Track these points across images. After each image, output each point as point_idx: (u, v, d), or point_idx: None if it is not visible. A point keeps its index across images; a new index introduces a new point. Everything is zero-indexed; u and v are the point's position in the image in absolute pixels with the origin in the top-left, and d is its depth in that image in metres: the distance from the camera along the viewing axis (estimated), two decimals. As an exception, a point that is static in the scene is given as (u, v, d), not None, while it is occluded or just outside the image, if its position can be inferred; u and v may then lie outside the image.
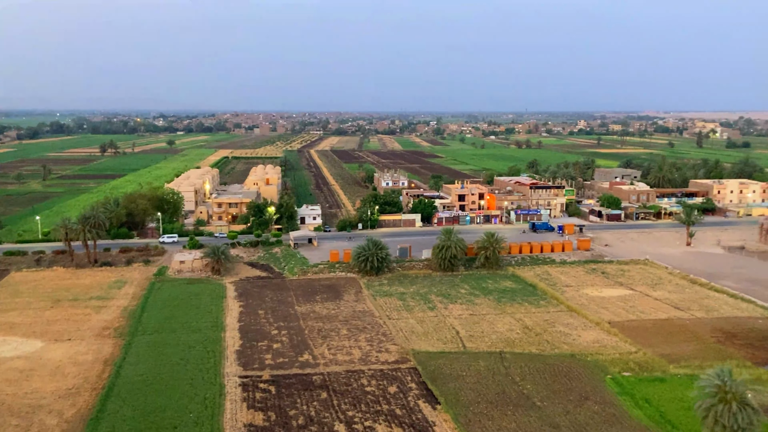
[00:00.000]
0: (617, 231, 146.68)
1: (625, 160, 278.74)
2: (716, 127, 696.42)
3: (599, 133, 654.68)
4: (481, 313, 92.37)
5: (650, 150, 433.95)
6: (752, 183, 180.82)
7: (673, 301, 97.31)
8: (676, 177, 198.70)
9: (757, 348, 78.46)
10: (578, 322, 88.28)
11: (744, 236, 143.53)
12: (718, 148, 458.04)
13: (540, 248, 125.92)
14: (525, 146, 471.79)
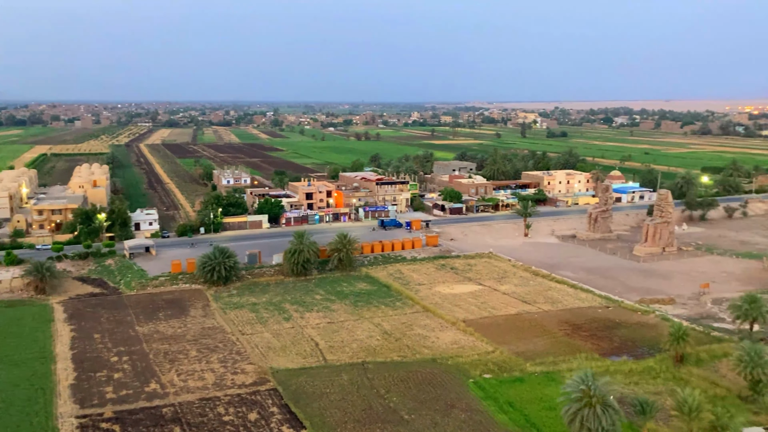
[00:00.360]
0: (460, 224, 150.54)
1: (460, 152, 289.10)
2: (536, 117, 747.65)
3: (432, 125, 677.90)
4: (339, 320, 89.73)
5: (480, 141, 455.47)
6: (577, 173, 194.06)
7: (521, 295, 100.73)
8: (509, 169, 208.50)
9: (601, 338, 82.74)
10: (435, 322, 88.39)
11: (574, 225, 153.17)
12: (540, 137, 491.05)
13: (391, 246, 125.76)
14: (364, 138, 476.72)
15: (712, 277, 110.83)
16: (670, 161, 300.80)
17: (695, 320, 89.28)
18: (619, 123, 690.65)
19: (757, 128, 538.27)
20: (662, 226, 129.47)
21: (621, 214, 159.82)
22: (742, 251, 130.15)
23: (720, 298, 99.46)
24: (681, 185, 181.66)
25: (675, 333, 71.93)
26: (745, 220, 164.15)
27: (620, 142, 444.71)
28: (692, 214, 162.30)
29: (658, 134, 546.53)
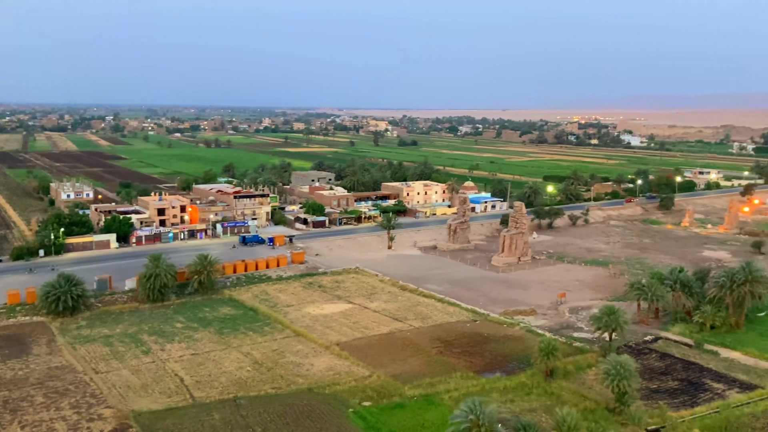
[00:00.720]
0: (325, 238, 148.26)
1: (317, 161, 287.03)
2: (387, 126, 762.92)
3: (285, 131, 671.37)
4: (205, 350, 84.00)
5: (335, 149, 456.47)
6: (434, 184, 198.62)
7: (391, 312, 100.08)
8: (368, 180, 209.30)
9: (473, 355, 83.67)
10: (308, 347, 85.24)
11: (434, 236, 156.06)
12: (392, 146, 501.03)
13: (255, 265, 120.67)
14: (214, 145, 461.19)
15: (566, 286, 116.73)
16: (514, 169, 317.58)
17: (556, 331, 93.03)
18: (464, 132, 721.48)
19: (586, 137, 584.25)
20: (518, 236, 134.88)
21: (476, 224, 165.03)
22: (589, 258, 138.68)
23: (576, 306, 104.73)
24: (529, 195, 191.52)
25: (545, 348, 74.00)
26: (587, 228, 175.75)
27: (467, 150, 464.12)
28: (541, 223, 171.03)
29: (500, 143, 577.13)
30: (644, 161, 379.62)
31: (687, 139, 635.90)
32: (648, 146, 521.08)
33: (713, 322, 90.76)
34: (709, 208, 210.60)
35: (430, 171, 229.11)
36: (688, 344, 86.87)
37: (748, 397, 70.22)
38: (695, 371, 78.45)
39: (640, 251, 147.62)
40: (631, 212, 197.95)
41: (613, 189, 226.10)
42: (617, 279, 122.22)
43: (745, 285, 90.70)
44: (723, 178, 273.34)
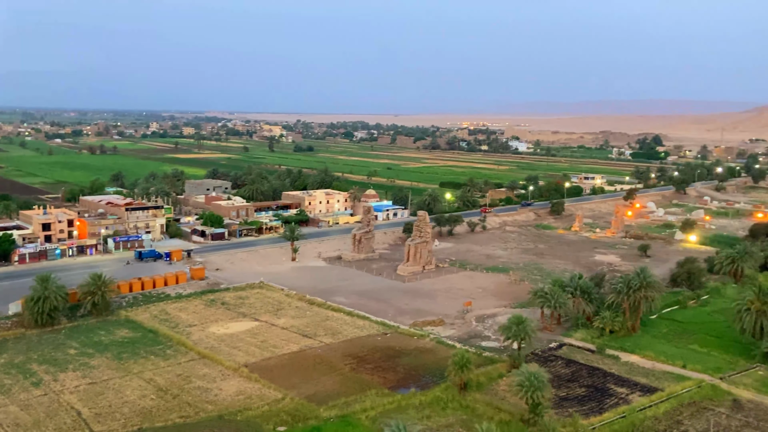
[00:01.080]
0: (225, 252, 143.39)
1: (211, 169, 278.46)
2: (282, 131, 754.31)
3: (174, 136, 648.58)
4: (103, 378, 78.49)
5: (228, 155, 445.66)
6: (336, 193, 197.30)
7: (300, 328, 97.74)
8: (267, 188, 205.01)
9: (386, 370, 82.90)
10: (215, 371, 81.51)
11: (338, 246, 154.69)
12: (288, 152, 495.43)
13: (152, 283, 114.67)
14: (99, 152, 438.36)
15: (471, 293, 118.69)
16: (411, 176, 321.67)
17: (465, 340, 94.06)
18: (360, 137, 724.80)
19: (477, 143, 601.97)
20: (422, 245, 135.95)
21: (380, 233, 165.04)
22: (490, 265, 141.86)
23: (482, 315, 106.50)
24: (428, 202, 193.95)
25: (458, 362, 74.30)
26: (485, 234, 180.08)
27: (363, 156, 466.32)
28: (441, 230, 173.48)
29: (395, 148, 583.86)
30: (532, 167, 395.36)
31: (570, 144, 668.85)
32: (535, 152, 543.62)
33: (612, 327, 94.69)
34: (596, 213, 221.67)
35: (331, 179, 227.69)
36: (590, 350, 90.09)
37: (650, 400, 73.40)
38: (599, 377, 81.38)
39: (536, 257, 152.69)
40: (524, 218, 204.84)
41: (507, 195, 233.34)
42: (518, 285, 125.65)
43: (640, 290, 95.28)
44: (606, 183, 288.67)
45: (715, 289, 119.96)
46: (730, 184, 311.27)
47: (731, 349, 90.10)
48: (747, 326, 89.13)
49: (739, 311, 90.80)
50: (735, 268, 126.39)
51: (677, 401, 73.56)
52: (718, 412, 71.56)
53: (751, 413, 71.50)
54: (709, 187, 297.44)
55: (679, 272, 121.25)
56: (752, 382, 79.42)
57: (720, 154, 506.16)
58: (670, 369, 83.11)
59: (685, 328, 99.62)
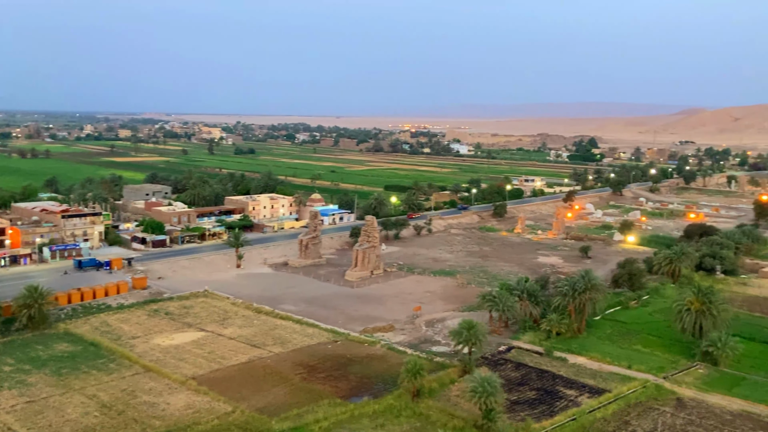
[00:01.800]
0: (167, 259, 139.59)
1: (150, 173, 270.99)
2: (222, 133, 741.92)
3: (109, 139, 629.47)
4: (41, 396, 75.01)
5: (167, 158, 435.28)
6: (281, 197, 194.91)
7: (248, 338, 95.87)
8: (209, 193, 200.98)
9: (338, 379, 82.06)
10: (161, 384, 79.04)
11: (284, 252, 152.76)
12: (228, 155, 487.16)
13: (93, 293, 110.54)
14: (30, 155, 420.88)
15: (419, 298, 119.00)
16: (355, 179, 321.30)
17: (416, 346, 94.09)
18: (302, 140, 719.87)
19: (419, 146, 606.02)
20: (370, 250, 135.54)
21: (326, 238, 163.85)
22: (437, 269, 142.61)
23: (431, 319, 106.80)
24: (374, 206, 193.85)
25: (411, 369, 74.15)
26: (431, 237, 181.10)
27: (306, 159, 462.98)
28: (388, 234, 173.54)
29: (338, 151, 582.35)
30: (474, 169, 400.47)
31: (509, 147, 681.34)
32: (475, 154, 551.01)
33: (559, 329, 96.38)
34: (537, 215, 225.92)
35: (275, 183, 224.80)
36: (538, 352, 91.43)
37: (599, 402, 74.92)
38: (548, 379, 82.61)
39: (481, 259, 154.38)
40: (468, 220, 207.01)
41: (451, 198, 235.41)
42: (465, 288, 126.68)
43: (585, 293, 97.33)
44: (546, 185, 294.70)
45: (654, 289, 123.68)
46: (664, 185, 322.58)
47: (672, 349, 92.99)
48: (687, 326, 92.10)
49: (679, 311, 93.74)
50: (672, 268, 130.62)
51: (624, 402, 75.34)
52: (663, 411, 73.60)
53: (693, 411, 73.82)
54: (643, 188, 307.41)
55: (621, 273, 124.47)
56: (693, 381, 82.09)
57: (653, 156, 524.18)
58: (616, 370, 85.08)
59: (629, 328, 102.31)
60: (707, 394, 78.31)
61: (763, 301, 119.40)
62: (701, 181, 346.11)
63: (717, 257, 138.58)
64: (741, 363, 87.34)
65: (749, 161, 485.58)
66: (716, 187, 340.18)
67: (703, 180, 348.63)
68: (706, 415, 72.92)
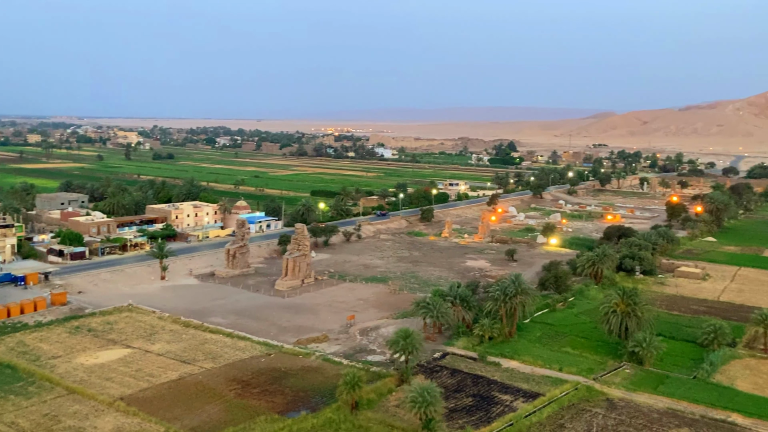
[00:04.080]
0: (87, 272, 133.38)
1: (64, 181, 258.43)
2: (139, 137, 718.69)
3: (18, 144, 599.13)
4: (-47, 426, 70.06)
5: (81, 164, 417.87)
6: (205, 205, 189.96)
7: (177, 354, 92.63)
8: (129, 202, 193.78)
9: (273, 394, 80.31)
10: (87, 407, 75.16)
11: (211, 262, 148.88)
12: (146, 160, 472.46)
13: (7, 311, 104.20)
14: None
15: (352, 306, 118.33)
16: (280, 184, 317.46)
17: (351, 356, 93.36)
18: (222, 144, 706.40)
19: (344, 150, 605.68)
20: (300, 258, 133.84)
21: (254, 246, 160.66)
22: (368, 275, 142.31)
23: (365, 328, 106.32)
24: (303, 212, 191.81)
25: (349, 381, 73.41)
26: (360, 243, 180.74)
27: (228, 164, 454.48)
28: (317, 241, 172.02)
29: (261, 155, 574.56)
30: (399, 173, 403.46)
31: (432, 151, 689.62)
32: (400, 158, 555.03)
33: (491, 334, 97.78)
34: (463, 218, 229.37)
35: (198, 190, 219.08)
36: (473, 357, 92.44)
37: (534, 406, 76.27)
38: (484, 385, 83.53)
39: (412, 264, 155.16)
40: (397, 225, 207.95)
41: (379, 203, 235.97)
42: (397, 295, 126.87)
43: (516, 297, 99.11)
44: (470, 189, 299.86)
45: (579, 290, 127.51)
46: (581, 187, 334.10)
47: (600, 350, 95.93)
48: (614, 327, 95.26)
49: (606, 313, 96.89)
50: (595, 270, 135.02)
51: (558, 405, 77.02)
52: (595, 412, 75.71)
53: (623, 411, 76.27)
54: (562, 191, 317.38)
55: (547, 276, 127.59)
56: (621, 381, 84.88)
57: (569, 159, 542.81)
58: (548, 373, 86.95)
59: (557, 330, 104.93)
60: (635, 393, 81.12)
61: (681, 300, 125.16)
62: (616, 183, 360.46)
63: (636, 258, 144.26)
64: (664, 362, 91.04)
65: (659, 163, 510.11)
66: (630, 188, 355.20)
67: (618, 182, 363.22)
68: (635, 414, 75.49)
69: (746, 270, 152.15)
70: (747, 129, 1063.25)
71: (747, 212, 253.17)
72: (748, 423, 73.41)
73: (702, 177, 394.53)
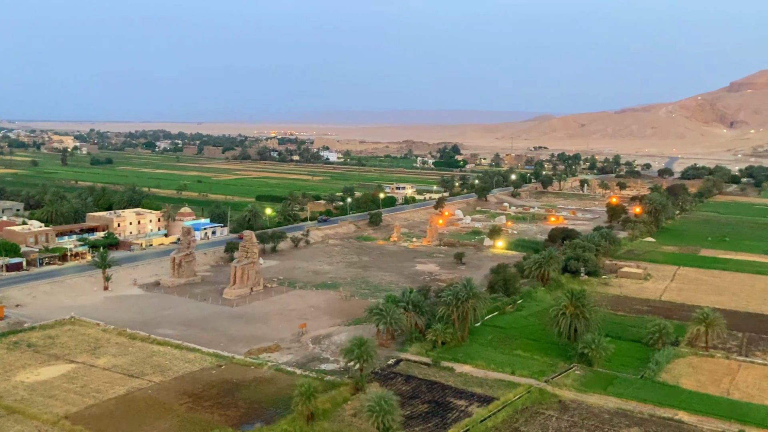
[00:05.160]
0: (25, 284, 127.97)
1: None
2: (75, 142, 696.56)
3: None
4: None
5: (15, 170, 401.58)
6: (148, 212, 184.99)
7: (124, 368, 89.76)
8: (68, 210, 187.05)
9: (226, 407, 78.63)
10: (29, 428, 72.01)
11: (155, 271, 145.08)
12: (84, 165, 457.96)
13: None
14: None
15: (303, 314, 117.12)
16: (224, 189, 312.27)
17: (304, 365, 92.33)
18: (163, 148, 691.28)
19: (288, 153, 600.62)
20: (249, 266, 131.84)
21: (199, 254, 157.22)
22: (319, 282, 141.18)
23: (318, 336, 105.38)
24: (249, 218, 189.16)
25: (305, 392, 72.47)
26: (309, 249, 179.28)
27: (169, 169, 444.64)
28: (265, 247, 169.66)
29: (203, 159, 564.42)
30: (345, 176, 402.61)
31: (377, 154, 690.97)
32: (345, 162, 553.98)
33: (444, 338, 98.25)
34: (411, 222, 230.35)
35: (140, 196, 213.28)
36: (426, 363, 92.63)
37: (488, 410, 76.83)
38: (439, 391, 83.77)
39: (362, 270, 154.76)
40: (345, 230, 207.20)
41: (326, 208, 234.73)
42: (349, 301, 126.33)
43: (467, 301, 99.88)
44: (417, 192, 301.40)
45: (527, 293, 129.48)
46: (524, 190, 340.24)
47: (550, 352, 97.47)
48: (563, 329, 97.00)
49: (555, 315, 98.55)
50: (542, 272, 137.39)
51: (512, 408, 77.84)
52: (549, 415, 76.83)
53: (576, 413, 77.66)
54: (506, 193, 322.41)
55: (496, 279, 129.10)
56: (572, 383, 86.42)
57: (511, 162, 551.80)
58: (501, 376, 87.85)
59: (508, 333, 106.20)
60: (585, 394, 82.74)
61: (624, 300, 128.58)
62: (557, 185, 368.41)
63: (580, 260, 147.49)
64: (612, 362, 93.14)
65: (598, 165, 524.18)
66: (571, 190, 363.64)
67: (559, 184, 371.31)
68: (587, 415, 76.94)
69: (685, 269, 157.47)
70: (679, 131, 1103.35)
71: (683, 212, 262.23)
72: (694, 420, 75.79)
73: (639, 178, 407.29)
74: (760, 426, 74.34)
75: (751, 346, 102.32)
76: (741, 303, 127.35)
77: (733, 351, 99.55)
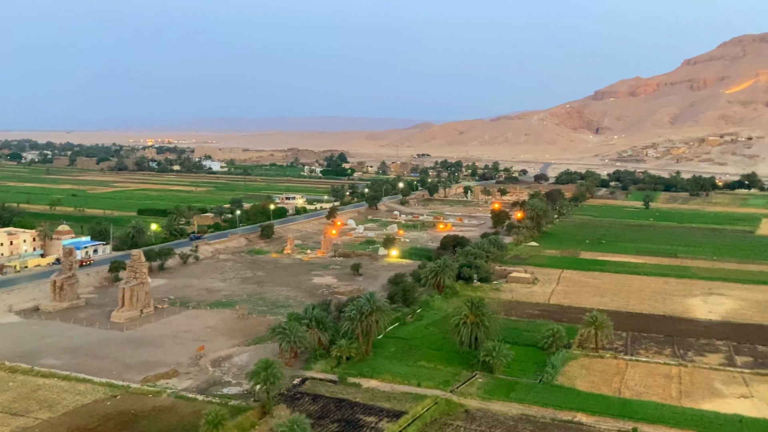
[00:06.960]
0: None
1: None
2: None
3: None
4: None
5: None
6: (20, 231, 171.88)
7: (5, 406, 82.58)
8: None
9: (126, 441, 74.33)
10: None
11: (33, 295, 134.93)
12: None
13: None
14: None
15: (199, 335, 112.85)
16: (102, 203, 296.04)
17: (205, 390, 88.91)
18: (30, 159, 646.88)
19: (168, 163, 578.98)
20: (138, 287, 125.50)
21: (82, 274, 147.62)
22: (213, 300, 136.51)
23: (217, 358, 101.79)
24: (133, 234, 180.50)
25: (212, 420, 69.89)
26: (199, 265, 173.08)
27: (39, 182, 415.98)
28: (152, 265, 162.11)
29: (76, 171, 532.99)
30: (230, 187, 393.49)
31: (262, 162, 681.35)
32: (229, 171, 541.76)
33: (349, 354, 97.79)
34: (304, 233, 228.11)
35: (11, 214, 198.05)
36: (332, 380, 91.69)
37: (399, 426, 77.02)
38: (347, 408, 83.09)
39: (257, 285, 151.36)
40: (236, 244, 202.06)
41: (215, 221, 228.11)
42: (247, 320, 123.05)
43: (371, 315, 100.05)
44: (307, 203, 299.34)
45: (425, 302, 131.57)
46: (412, 197, 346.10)
47: (453, 360, 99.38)
48: (465, 338, 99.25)
49: (456, 325, 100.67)
50: (438, 280, 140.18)
51: (422, 422, 78.52)
52: (457, 426, 78.18)
53: (482, 421, 79.52)
54: (395, 201, 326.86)
55: (396, 290, 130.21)
56: (476, 391, 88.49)
57: (397, 170, 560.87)
58: (407, 389, 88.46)
59: (410, 344, 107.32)
60: (490, 402, 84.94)
61: (516, 305, 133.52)
62: (443, 192, 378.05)
63: (473, 267, 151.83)
64: (511, 368, 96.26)
65: (479, 172, 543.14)
66: (455, 197, 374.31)
67: (444, 191, 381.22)
68: (493, 423, 78.94)
69: (568, 272, 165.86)
70: (551, 137, 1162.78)
71: (561, 216, 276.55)
72: (592, 421, 79.71)
73: (518, 184, 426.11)
74: (651, 422, 79.29)
75: (635, 344, 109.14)
76: (622, 303, 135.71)
77: (620, 351, 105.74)
